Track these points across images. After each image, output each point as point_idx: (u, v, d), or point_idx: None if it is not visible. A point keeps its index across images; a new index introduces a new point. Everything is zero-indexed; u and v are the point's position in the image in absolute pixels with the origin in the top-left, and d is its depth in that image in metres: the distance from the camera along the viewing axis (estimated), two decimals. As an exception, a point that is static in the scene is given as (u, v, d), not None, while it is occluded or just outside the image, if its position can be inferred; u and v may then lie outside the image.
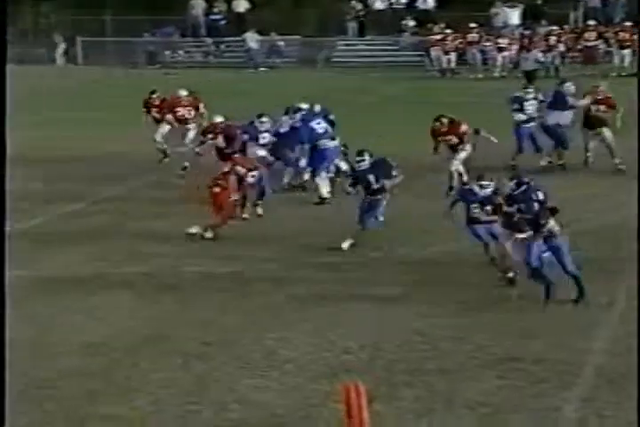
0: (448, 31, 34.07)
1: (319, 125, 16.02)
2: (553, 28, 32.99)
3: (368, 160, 12.71)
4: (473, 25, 34.09)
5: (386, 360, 9.19)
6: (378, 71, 34.16)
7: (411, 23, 37.22)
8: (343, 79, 32.70)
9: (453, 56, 33.57)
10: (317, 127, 15.98)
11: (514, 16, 35.23)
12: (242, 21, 38.86)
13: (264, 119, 15.83)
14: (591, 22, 32.93)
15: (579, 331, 9.74)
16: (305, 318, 10.29)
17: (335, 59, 38.05)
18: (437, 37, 34.05)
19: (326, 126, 16.11)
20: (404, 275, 11.61)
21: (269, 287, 11.34)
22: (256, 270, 11.95)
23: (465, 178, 15.13)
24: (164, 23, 39.81)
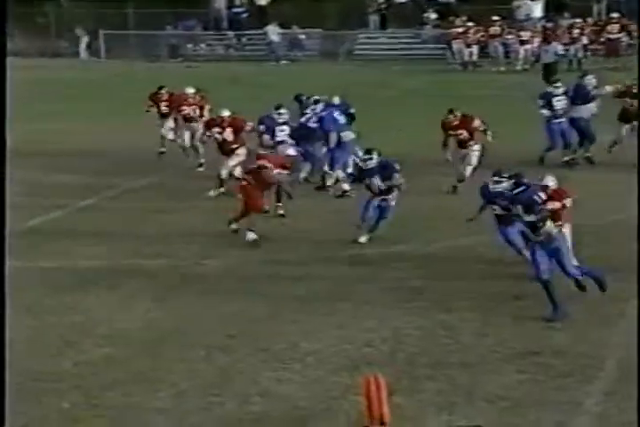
0: (470, 24, 33.99)
1: (340, 117, 16.03)
2: (576, 21, 32.86)
3: (376, 160, 12.47)
4: (495, 18, 33.99)
5: (407, 353, 9.21)
6: (399, 64, 34.11)
7: (432, 16, 37.15)
8: (364, 72, 32.68)
9: (475, 49, 33.50)
10: (340, 118, 15.99)
11: (536, 9, 35.12)
12: (263, 14, 38.89)
13: (282, 111, 15.42)
14: (614, 15, 32.79)
15: (600, 324, 9.73)
16: (327, 312, 10.32)
17: (356, 52, 38.02)
18: (459, 30, 33.98)
19: (346, 119, 16.13)
20: (425, 269, 11.62)
21: (292, 281, 11.38)
22: (278, 264, 11.99)
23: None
24: (186, 16, 39.90)
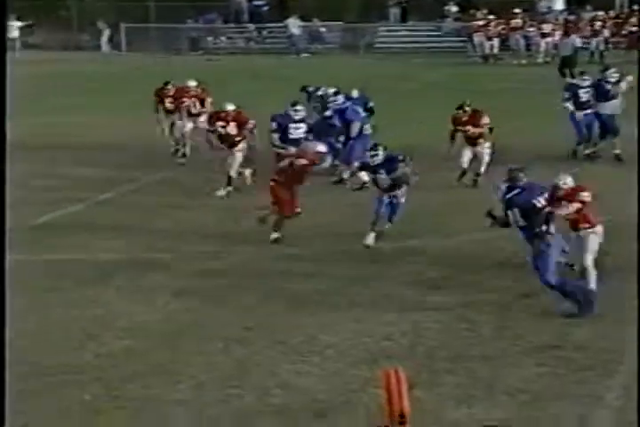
0: (491, 17, 33.90)
1: (360, 109, 16.00)
2: (598, 14, 32.73)
3: (382, 155, 12.31)
4: (516, 10, 33.89)
5: (426, 347, 9.20)
6: (420, 57, 34.05)
7: (453, 9, 37.08)
8: (385, 65, 32.64)
9: (496, 42, 33.42)
10: (360, 110, 15.96)
11: (558, 1, 35.01)
12: (284, 7, 38.92)
13: (298, 107, 14.94)
14: (636, 7, 32.62)
15: (622, 320, 9.67)
16: (344, 305, 10.31)
17: (377, 45, 37.98)
18: (480, 23, 33.90)
19: (365, 113, 16.11)
20: (442, 263, 11.58)
21: (308, 275, 11.37)
22: (295, 258, 11.99)
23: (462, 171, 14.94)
24: (207, 9, 39.96)
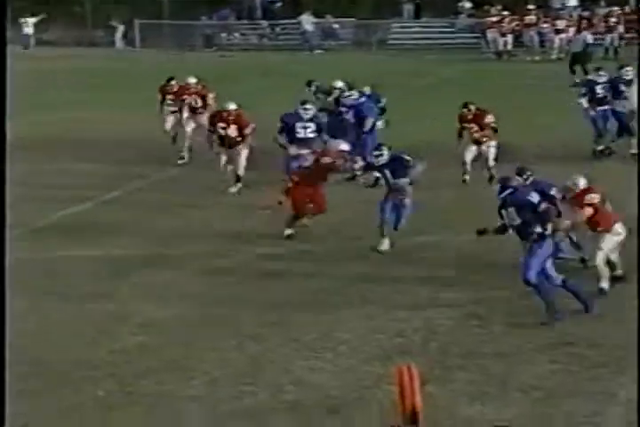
0: (505, 13, 33.81)
1: (373, 105, 15.97)
2: (612, 9, 32.59)
3: (387, 155, 12.11)
4: (530, 6, 33.78)
5: (440, 343, 9.21)
6: (433, 54, 33.99)
7: (467, 5, 36.99)
8: (398, 62, 32.60)
9: (510, 38, 33.32)
10: (374, 106, 15.93)
11: (572, -3, 34.87)
12: (297, 4, 38.90)
13: (308, 106, 14.67)
14: (651, 3, 32.52)
15: (635, 315, 9.65)
16: (358, 301, 10.33)
17: (390, 41, 37.92)
18: (494, 19, 33.82)
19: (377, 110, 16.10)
20: (455, 260, 11.58)
21: (321, 271, 11.39)
22: (308, 255, 12.00)
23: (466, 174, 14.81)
24: (221, 6, 39.97)
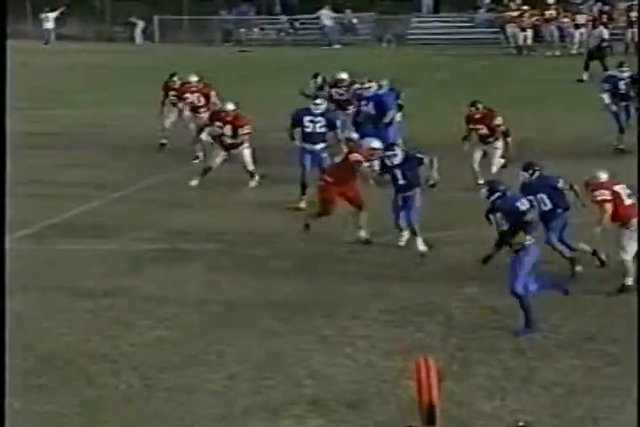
0: (525, 7, 33.69)
1: (393, 98, 15.94)
2: (633, 3, 32.41)
3: (401, 155, 11.87)
4: (550, 1, 33.65)
5: (459, 338, 9.19)
6: (452, 48, 33.94)
7: (486, 0, 36.89)
8: (417, 57, 32.54)
9: (530, 33, 33.19)
10: (393, 99, 15.89)
11: (593, -9, 34.72)
12: (316, -1, 38.89)
13: (318, 101, 14.45)
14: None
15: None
16: (378, 296, 10.32)
17: (409, 36, 37.87)
18: (514, 14, 33.70)
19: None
20: (475, 254, 11.49)
21: (342, 265, 11.40)
22: (329, 248, 12.01)
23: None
24: (240, 1, 39.99)
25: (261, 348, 9.09)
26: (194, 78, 17.57)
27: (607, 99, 16.72)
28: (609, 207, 10.14)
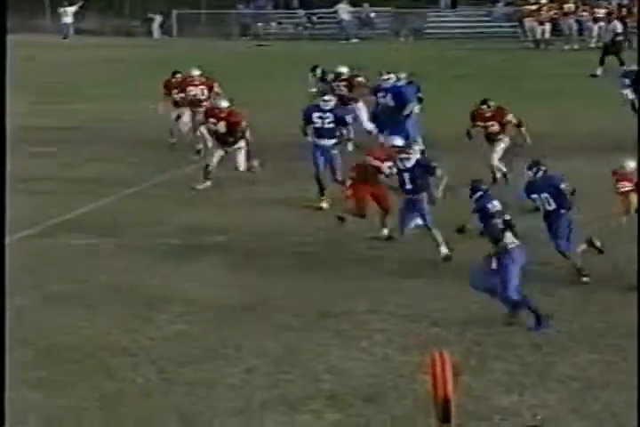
0: (543, 1, 33.56)
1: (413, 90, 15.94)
2: (653, -3, 32.24)
3: (413, 159, 11.61)
4: (569, -6, 33.54)
5: (476, 333, 9.20)
6: (470, 43, 33.85)
7: (504, -7, 36.81)
8: (435, 51, 32.48)
9: (548, 27, 33.08)
10: (413, 91, 15.88)
11: (611, -15, 34.55)
12: (334, -7, 38.85)
13: (327, 98, 14.26)
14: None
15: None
16: (396, 291, 10.34)
17: (427, 30, 37.82)
18: (532, 8, 33.59)
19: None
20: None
21: (360, 260, 11.42)
22: (349, 241, 12.04)
23: (503, 171, 14.37)
24: (258, -5, 40.02)
25: (279, 342, 9.12)
26: (196, 72, 17.46)
27: (630, 94, 16.58)
28: (634, 197, 10.05)
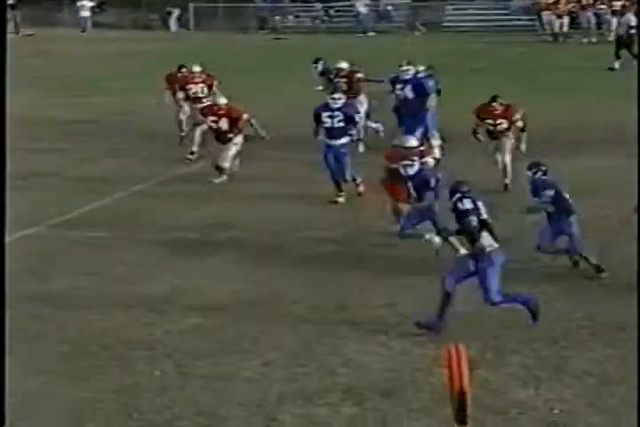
0: (561, -6, 33.44)
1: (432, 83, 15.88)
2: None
3: (416, 167, 11.41)
4: (587, -13, 33.40)
5: (492, 327, 9.18)
6: (488, 36, 33.76)
7: (523, -14, 36.68)
8: (452, 44, 32.41)
9: (566, 20, 32.97)
10: (433, 83, 15.82)
11: (630, -23, 34.34)
12: (351, -14, 38.82)
13: (336, 95, 14.08)
14: None
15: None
16: (413, 284, 10.33)
17: (444, 23, 37.75)
18: (550, 1, 33.47)
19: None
20: (514, 244, 11.47)
21: (375, 254, 11.42)
22: (365, 235, 12.04)
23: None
24: (274, -12, 40.03)
25: (296, 336, 9.13)
26: (197, 68, 17.35)
27: None
28: None
